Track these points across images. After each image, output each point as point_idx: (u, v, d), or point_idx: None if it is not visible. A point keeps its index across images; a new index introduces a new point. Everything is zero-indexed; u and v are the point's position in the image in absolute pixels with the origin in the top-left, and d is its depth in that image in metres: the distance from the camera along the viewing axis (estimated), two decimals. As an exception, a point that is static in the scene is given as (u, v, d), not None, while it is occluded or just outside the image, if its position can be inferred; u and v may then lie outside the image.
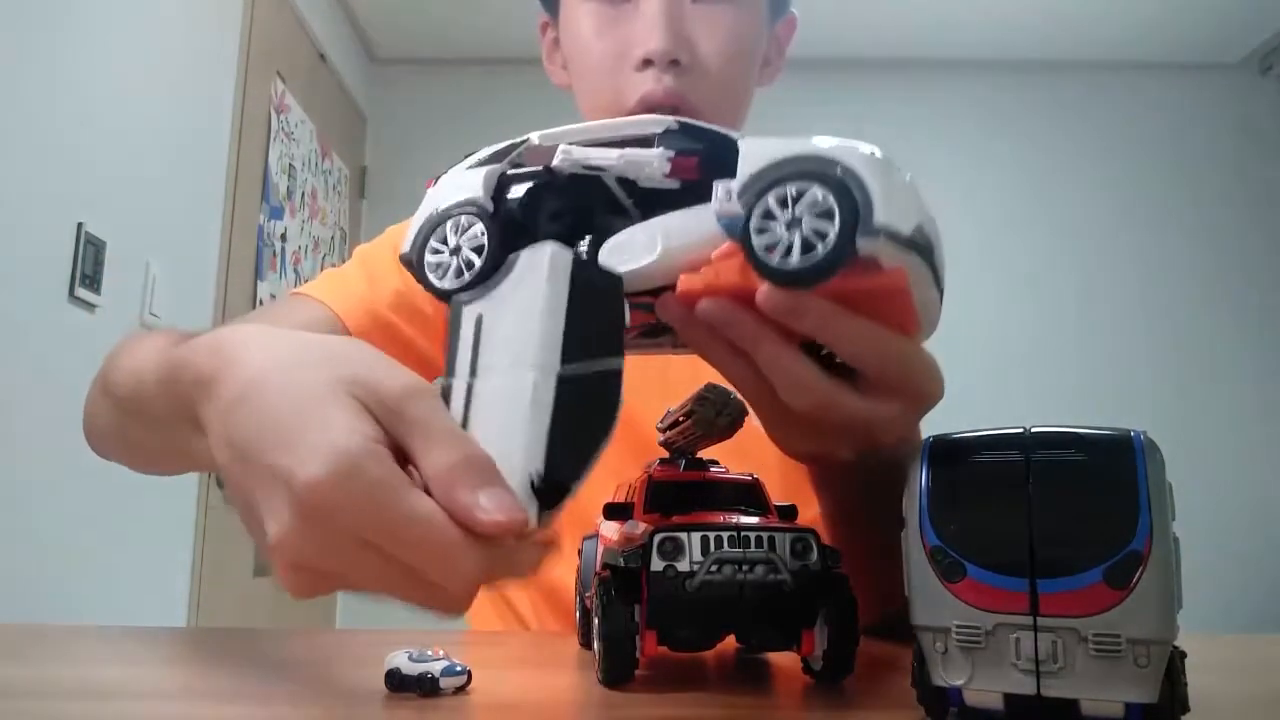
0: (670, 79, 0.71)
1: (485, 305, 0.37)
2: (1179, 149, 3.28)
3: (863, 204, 0.34)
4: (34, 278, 1.48)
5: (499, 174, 0.40)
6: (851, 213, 0.33)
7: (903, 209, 0.34)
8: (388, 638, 0.55)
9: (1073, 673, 0.29)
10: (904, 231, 0.34)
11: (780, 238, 0.34)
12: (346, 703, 0.37)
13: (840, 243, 0.33)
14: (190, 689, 0.41)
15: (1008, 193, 3.25)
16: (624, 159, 0.39)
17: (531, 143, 0.41)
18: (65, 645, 0.52)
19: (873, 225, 0.33)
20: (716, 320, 0.37)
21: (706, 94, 0.73)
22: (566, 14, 0.79)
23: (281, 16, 2.50)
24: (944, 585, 0.30)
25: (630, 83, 0.72)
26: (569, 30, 0.78)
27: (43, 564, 1.49)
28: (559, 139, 0.40)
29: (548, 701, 0.39)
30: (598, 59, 0.74)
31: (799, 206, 0.34)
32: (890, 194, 0.34)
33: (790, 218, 0.34)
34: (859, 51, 3.21)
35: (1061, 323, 3.17)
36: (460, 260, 0.39)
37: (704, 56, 0.72)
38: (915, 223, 0.35)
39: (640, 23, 0.72)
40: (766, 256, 0.34)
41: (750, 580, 0.37)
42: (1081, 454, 0.30)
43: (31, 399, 1.43)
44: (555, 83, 0.84)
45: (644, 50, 0.71)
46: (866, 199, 0.34)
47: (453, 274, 0.39)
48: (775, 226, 0.35)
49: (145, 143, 1.80)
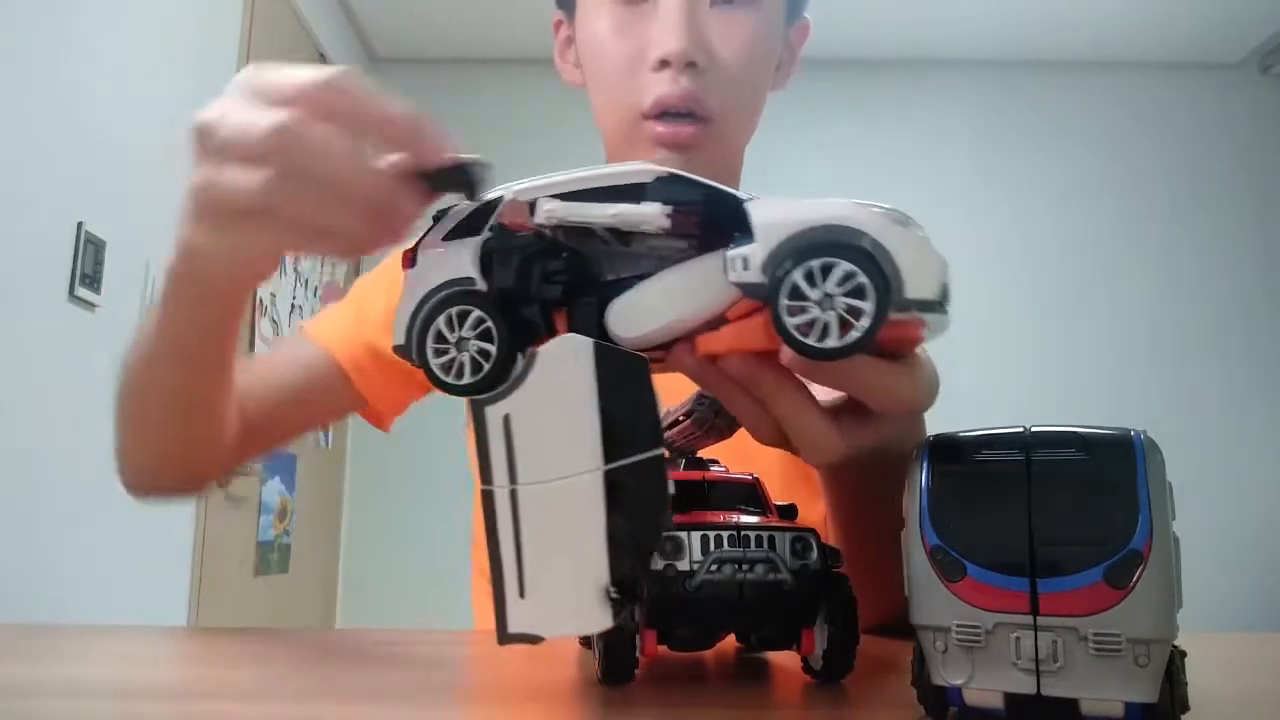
0: (686, 80, 0.71)
1: (511, 405, 0.35)
2: (1179, 149, 3.28)
3: (893, 277, 0.33)
4: (34, 278, 1.48)
5: (482, 245, 0.39)
6: (884, 289, 0.33)
7: (929, 275, 0.34)
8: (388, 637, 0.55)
9: (1073, 672, 0.29)
10: (932, 298, 0.34)
11: (815, 318, 0.34)
12: (348, 702, 0.37)
13: (876, 321, 0.33)
14: (190, 689, 0.41)
15: (1007, 192, 3.25)
16: (619, 217, 0.37)
17: (507, 199, 0.39)
18: (65, 645, 0.52)
19: (905, 300, 0.33)
20: (740, 376, 0.37)
21: (722, 97, 0.73)
22: (583, 13, 0.78)
23: (281, 16, 2.50)
24: (944, 584, 0.30)
25: (646, 84, 0.72)
26: (585, 29, 0.78)
27: (43, 564, 1.49)
28: (537, 192, 0.39)
29: (547, 700, 0.39)
30: (614, 59, 0.74)
31: (829, 282, 0.34)
32: (917, 262, 0.34)
33: (821, 295, 0.34)
34: (859, 51, 3.21)
35: (1061, 322, 3.18)
36: (470, 355, 0.38)
37: (721, 59, 0.72)
38: (940, 284, 0.35)
39: (658, 24, 0.72)
40: (802, 337, 0.34)
41: (750, 579, 0.37)
42: (1082, 454, 0.30)
43: (32, 399, 1.43)
44: (565, 80, 0.84)
45: (661, 51, 0.71)
46: (896, 272, 0.33)
47: (469, 370, 0.38)
48: (808, 307, 0.34)
49: (145, 143, 1.80)
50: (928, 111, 3.28)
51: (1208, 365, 3.15)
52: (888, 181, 3.14)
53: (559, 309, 0.39)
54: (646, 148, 0.73)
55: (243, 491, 2.32)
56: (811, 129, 3.12)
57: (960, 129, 3.29)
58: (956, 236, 3.15)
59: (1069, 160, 3.28)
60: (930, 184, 3.19)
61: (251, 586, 2.37)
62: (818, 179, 2.99)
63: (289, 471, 2.62)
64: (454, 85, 3.26)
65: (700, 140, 0.72)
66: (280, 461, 2.56)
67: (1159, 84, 3.32)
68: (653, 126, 0.72)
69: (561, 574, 0.34)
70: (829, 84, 3.16)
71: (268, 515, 2.48)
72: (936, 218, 2.48)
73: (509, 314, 0.38)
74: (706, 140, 0.73)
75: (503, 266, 0.38)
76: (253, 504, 2.39)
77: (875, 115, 3.27)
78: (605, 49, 0.75)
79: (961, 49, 3.24)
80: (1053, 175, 3.27)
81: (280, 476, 2.56)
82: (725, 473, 0.45)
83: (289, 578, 2.61)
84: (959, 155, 3.26)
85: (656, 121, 0.72)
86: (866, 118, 3.28)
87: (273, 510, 2.51)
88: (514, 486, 0.35)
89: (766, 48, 0.77)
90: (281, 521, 2.57)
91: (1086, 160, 3.28)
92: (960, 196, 3.20)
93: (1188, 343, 3.17)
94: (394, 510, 3.02)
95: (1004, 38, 3.18)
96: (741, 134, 0.79)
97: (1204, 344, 3.17)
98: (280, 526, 2.56)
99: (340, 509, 3.09)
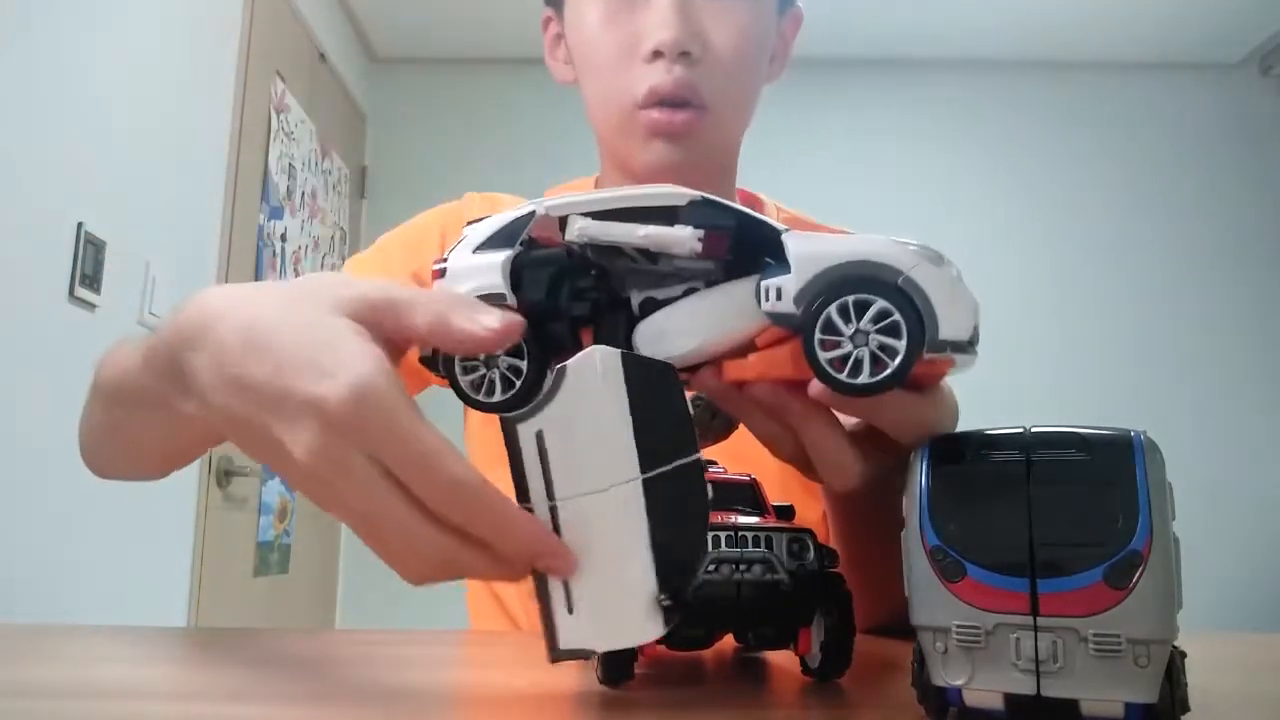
0: (681, 70, 0.70)
1: (543, 421, 0.35)
2: (1179, 149, 3.28)
3: (927, 317, 0.34)
4: (34, 278, 1.48)
5: (513, 260, 0.39)
6: (918, 329, 0.34)
7: (962, 314, 0.35)
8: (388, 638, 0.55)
9: (1073, 673, 0.29)
10: (964, 339, 0.35)
11: (849, 354, 0.34)
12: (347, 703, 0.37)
13: (908, 359, 0.34)
14: (190, 689, 0.41)
15: (1008, 192, 3.25)
16: (649, 239, 0.37)
17: (539, 214, 0.39)
18: (65, 645, 0.52)
19: (939, 340, 0.34)
20: (767, 403, 0.37)
21: (716, 85, 0.72)
22: (572, 6, 0.78)
23: (281, 16, 2.50)
24: (944, 585, 0.30)
25: (639, 74, 0.71)
26: (575, 23, 0.77)
27: (43, 564, 1.49)
28: (569, 209, 0.39)
29: (547, 700, 0.39)
30: (606, 51, 0.74)
31: (864, 320, 0.34)
32: (950, 302, 0.34)
33: (854, 330, 0.34)
34: (859, 51, 3.21)
35: (1061, 322, 3.17)
36: (501, 371, 0.38)
37: (715, 49, 0.72)
38: (972, 325, 0.35)
39: (650, 14, 0.71)
40: (835, 372, 0.34)
41: (747, 579, 0.37)
42: (1082, 454, 0.30)
43: (31, 399, 1.43)
44: (557, 78, 0.83)
45: (654, 41, 0.70)
46: (930, 311, 0.34)
47: (500, 388, 0.38)
48: (842, 342, 0.34)
49: (145, 143, 1.80)
50: (928, 111, 3.28)
51: (1206, 365, 3.15)
52: (887, 182, 3.14)
53: (586, 326, 0.39)
54: (641, 139, 0.72)
55: (243, 492, 2.32)
56: (812, 129, 3.12)
57: (960, 129, 3.29)
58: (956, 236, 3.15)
59: (1069, 160, 3.28)
60: (930, 184, 3.19)
61: (251, 587, 2.37)
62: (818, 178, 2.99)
63: (289, 471, 2.62)
64: (454, 85, 3.26)
65: (695, 129, 0.72)
66: (280, 461, 2.56)
67: (1159, 84, 3.31)
68: (647, 115, 0.71)
69: (609, 586, 0.34)
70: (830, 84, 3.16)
71: (268, 515, 2.48)
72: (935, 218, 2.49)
73: (539, 331, 0.38)
74: (701, 129, 0.72)
75: (533, 282, 0.38)
76: (253, 504, 2.39)
77: (875, 115, 3.27)
78: (596, 40, 0.74)
79: (961, 49, 3.23)
80: (1052, 175, 3.27)
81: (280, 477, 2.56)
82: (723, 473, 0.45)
83: (289, 578, 2.61)
84: (958, 155, 3.26)
85: (651, 110, 0.71)
86: (866, 118, 3.27)
87: (273, 510, 2.51)
88: (553, 503, 0.35)
89: (760, 36, 0.76)
90: (281, 522, 2.57)
91: (1086, 160, 3.28)
92: (960, 196, 3.20)
93: (1187, 343, 3.17)
94: (394, 510, 3.01)
95: (1004, 38, 3.18)
96: (737, 123, 0.78)
97: (1204, 344, 3.17)
98: (280, 527, 2.56)
99: (340, 509, 3.08)
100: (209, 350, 0.38)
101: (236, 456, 2.24)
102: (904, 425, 0.37)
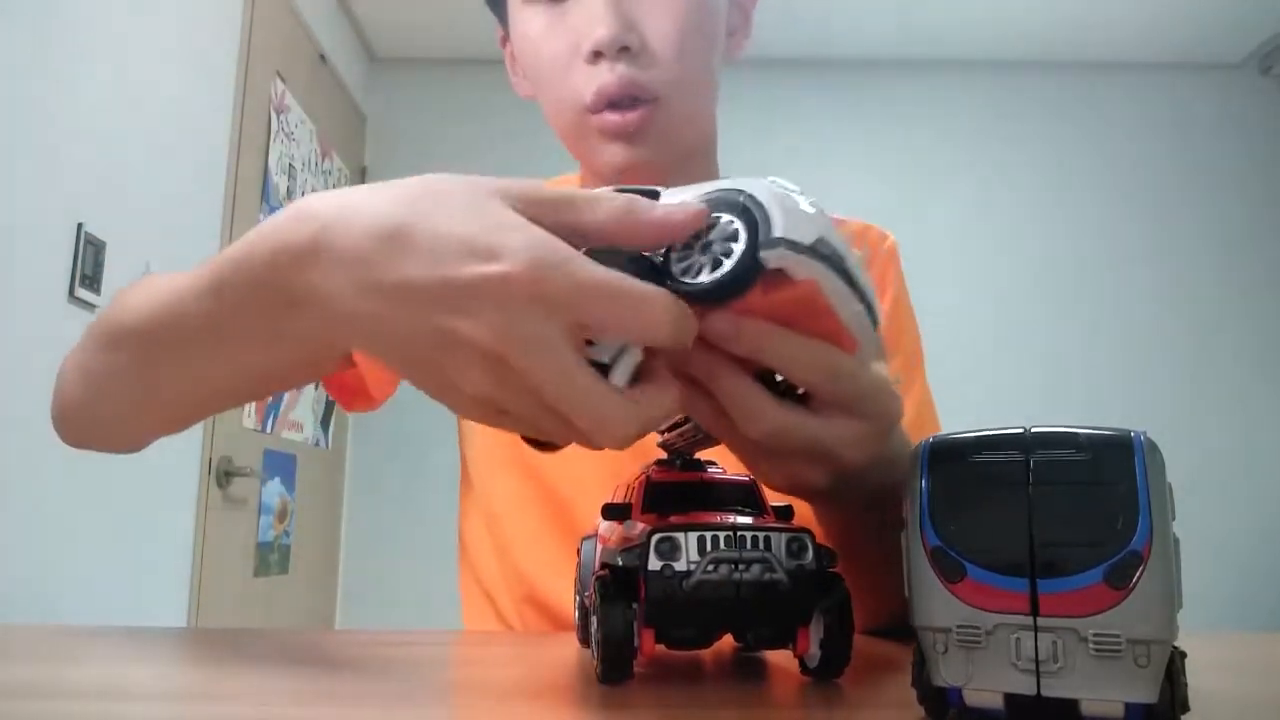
0: (623, 66, 0.69)
1: None
2: (1180, 149, 3.28)
3: (762, 221, 0.36)
4: (34, 278, 1.49)
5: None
6: (753, 231, 0.36)
7: (803, 225, 0.36)
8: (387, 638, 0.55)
9: (1073, 673, 0.28)
10: (804, 242, 0.36)
11: (694, 261, 0.37)
12: (347, 704, 0.37)
13: (744, 256, 0.36)
14: (190, 689, 0.41)
15: (1008, 192, 3.25)
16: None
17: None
18: (65, 645, 0.52)
19: (772, 238, 0.36)
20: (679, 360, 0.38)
21: (664, 76, 0.70)
22: (515, 22, 0.76)
23: (281, 16, 2.50)
24: (944, 585, 0.30)
25: (584, 78, 0.70)
26: (519, 37, 0.76)
27: (43, 564, 1.49)
28: None
29: (546, 699, 0.39)
30: (550, 60, 0.72)
31: (712, 234, 0.37)
32: (789, 212, 0.36)
33: (702, 244, 0.37)
34: (861, 51, 3.21)
35: (1061, 322, 3.18)
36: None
37: (655, 38, 0.70)
38: (817, 235, 0.37)
39: (584, 14, 0.70)
40: (681, 279, 0.37)
41: (746, 579, 0.37)
42: (1081, 454, 0.29)
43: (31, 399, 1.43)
44: (520, 95, 0.81)
45: (591, 42, 0.69)
46: (765, 216, 0.36)
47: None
48: (691, 254, 0.37)
49: (145, 143, 1.80)
50: (928, 111, 3.28)
51: (1207, 365, 3.15)
52: (888, 182, 3.14)
53: None
54: (597, 143, 0.71)
55: (243, 492, 2.32)
56: (812, 129, 3.12)
57: (960, 129, 3.29)
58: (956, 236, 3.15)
59: (1069, 160, 3.28)
60: (930, 184, 3.19)
61: (251, 587, 2.37)
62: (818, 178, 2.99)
63: (289, 472, 2.62)
64: (454, 85, 3.26)
65: (649, 124, 0.70)
66: (280, 462, 2.56)
67: (1159, 84, 3.32)
68: (600, 119, 0.70)
69: None
70: (830, 84, 3.16)
71: (267, 516, 2.47)
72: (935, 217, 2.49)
73: None
74: (656, 122, 0.70)
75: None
76: (253, 505, 2.39)
77: (878, 115, 3.27)
78: (540, 51, 0.73)
79: (962, 49, 3.24)
80: (1053, 175, 3.27)
81: (280, 477, 2.56)
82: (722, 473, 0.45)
83: (289, 578, 2.61)
84: (958, 155, 3.26)
85: (603, 114, 0.70)
86: (867, 118, 3.27)
87: (272, 511, 2.51)
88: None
89: (704, 16, 0.73)
90: (281, 522, 2.57)
91: (1087, 160, 3.28)
92: (960, 196, 3.20)
93: (1187, 342, 3.17)
94: (393, 511, 3.02)
95: (1004, 38, 3.18)
96: (697, 107, 0.75)
97: (1204, 344, 3.17)
98: (280, 527, 2.56)
99: (340, 510, 3.08)
100: (334, 259, 0.36)
101: (236, 456, 2.24)
102: (805, 365, 0.39)
